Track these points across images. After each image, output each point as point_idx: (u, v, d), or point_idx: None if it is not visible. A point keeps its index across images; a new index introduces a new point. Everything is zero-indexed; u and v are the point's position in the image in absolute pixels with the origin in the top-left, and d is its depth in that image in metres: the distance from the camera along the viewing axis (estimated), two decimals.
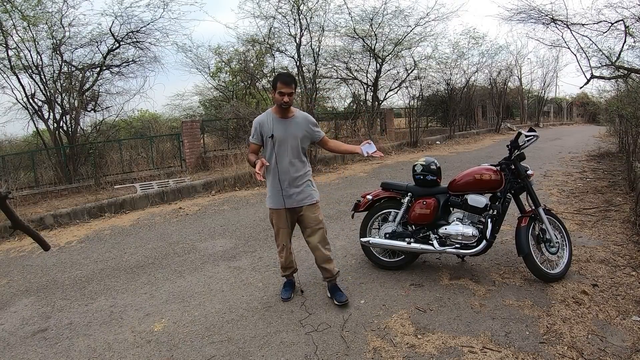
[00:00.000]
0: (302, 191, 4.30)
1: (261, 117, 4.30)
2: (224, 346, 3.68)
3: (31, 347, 3.97)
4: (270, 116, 4.24)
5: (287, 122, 4.23)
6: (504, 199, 4.62)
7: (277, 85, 4.06)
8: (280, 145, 4.18)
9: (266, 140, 4.21)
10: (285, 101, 4.06)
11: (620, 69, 11.57)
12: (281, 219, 4.36)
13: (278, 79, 4.08)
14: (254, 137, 4.28)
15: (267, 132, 4.18)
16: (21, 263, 6.56)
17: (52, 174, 12.50)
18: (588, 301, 4.05)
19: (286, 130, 4.20)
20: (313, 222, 4.36)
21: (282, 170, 4.20)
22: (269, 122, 4.21)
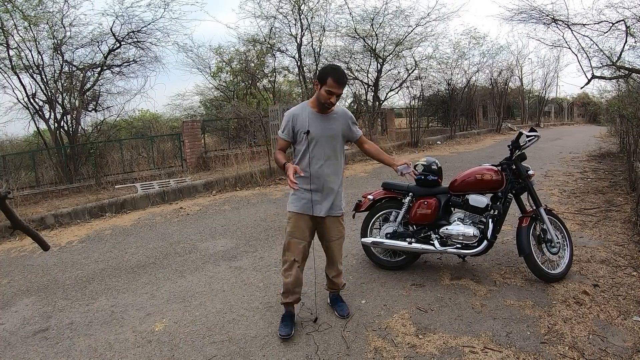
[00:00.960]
0: (334, 200, 3.84)
1: (296, 110, 3.77)
2: (225, 346, 3.68)
3: (32, 347, 3.97)
4: (307, 110, 3.73)
5: (326, 118, 3.74)
6: (505, 199, 4.61)
7: (328, 81, 3.52)
8: (317, 144, 3.70)
9: (299, 137, 3.71)
10: (331, 102, 3.61)
11: (621, 69, 11.57)
12: (300, 228, 3.80)
13: (330, 75, 3.53)
14: (284, 132, 3.75)
15: (301, 127, 3.67)
16: (22, 263, 6.56)
17: (52, 173, 12.51)
18: (589, 301, 4.04)
19: (324, 127, 3.72)
20: (337, 234, 3.95)
21: (315, 173, 3.71)
22: (305, 116, 3.69)
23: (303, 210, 3.77)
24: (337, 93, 3.58)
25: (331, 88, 3.53)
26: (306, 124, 3.66)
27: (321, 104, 3.64)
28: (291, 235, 3.80)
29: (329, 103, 3.60)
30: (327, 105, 3.62)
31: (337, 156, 3.82)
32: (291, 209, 3.83)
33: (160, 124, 19.06)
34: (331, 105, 3.64)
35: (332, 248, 3.99)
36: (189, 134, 14.02)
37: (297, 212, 3.79)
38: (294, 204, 3.82)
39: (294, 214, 3.80)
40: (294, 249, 3.80)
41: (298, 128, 3.69)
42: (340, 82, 3.56)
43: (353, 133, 3.96)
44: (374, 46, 18.20)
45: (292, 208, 3.82)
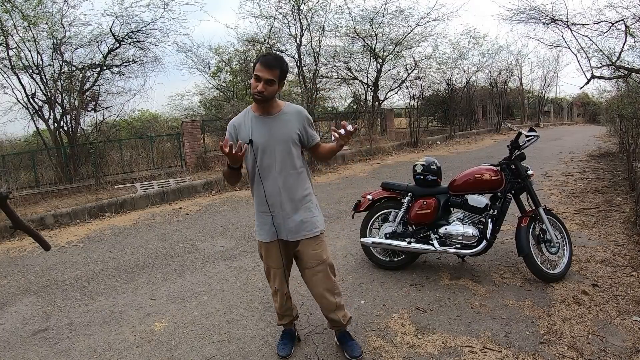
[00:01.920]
0: (300, 218, 3.18)
1: (237, 118, 3.19)
2: (224, 346, 3.68)
3: (31, 347, 3.97)
4: (250, 115, 3.14)
5: (271, 120, 3.10)
6: (504, 199, 4.62)
7: (256, 67, 2.94)
8: (265, 154, 3.07)
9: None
10: (259, 90, 2.92)
11: (621, 69, 11.60)
12: (272, 256, 3.29)
13: (258, 60, 2.95)
14: None
15: (244, 136, 3.07)
16: (22, 263, 6.56)
17: (52, 173, 12.49)
18: (588, 301, 4.05)
19: (270, 131, 3.08)
20: (313, 260, 3.23)
21: (269, 189, 3.10)
22: (248, 123, 3.11)
23: (269, 237, 3.22)
24: (265, 77, 2.90)
25: (257, 72, 2.90)
26: (249, 132, 3.07)
27: (252, 96, 3.01)
28: (266, 262, 3.37)
29: (258, 92, 2.92)
30: (256, 96, 2.95)
31: (293, 165, 3.14)
32: (258, 237, 3.32)
33: (160, 124, 19.04)
34: (261, 95, 2.93)
35: (313, 280, 3.30)
36: (189, 134, 14.01)
37: (264, 242, 3.27)
38: (258, 233, 3.30)
39: (262, 243, 3.30)
40: (272, 278, 3.39)
41: (241, 138, 3.08)
42: (268, 64, 2.91)
43: (310, 137, 3.25)
44: (374, 46, 18.21)
45: (258, 237, 3.31)
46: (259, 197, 3.17)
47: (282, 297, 3.41)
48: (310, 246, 3.22)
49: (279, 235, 3.21)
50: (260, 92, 2.93)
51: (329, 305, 3.33)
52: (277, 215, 3.15)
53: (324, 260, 3.26)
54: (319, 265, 3.24)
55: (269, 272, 3.41)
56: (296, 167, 3.16)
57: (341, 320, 3.38)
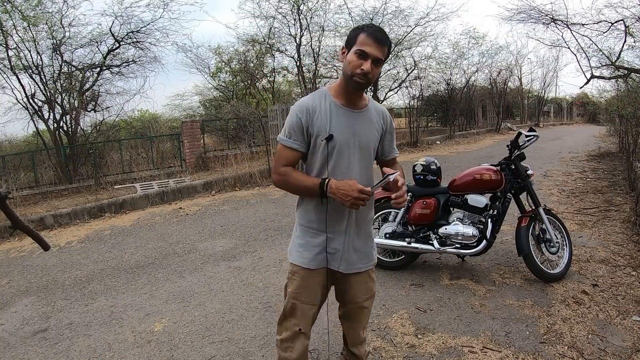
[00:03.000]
0: (362, 246, 2.47)
1: (310, 100, 2.32)
2: (224, 346, 3.68)
3: (31, 347, 3.97)
4: (328, 101, 2.31)
5: (357, 116, 2.34)
6: (504, 199, 4.62)
7: (360, 38, 2.16)
8: (341, 157, 2.30)
9: (316, 144, 2.29)
10: (364, 70, 2.14)
11: (620, 69, 11.61)
12: (310, 288, 2.43)
13: (363, 30, 2.18)
14: (292, 137, 2.29)
15: (320, 128, 2.26)
16: (21, 263, 6.56)
17: (52, 174, 12.51)
18: (588, 301, 4.05)
19: (356, 130, 2.32)
20: (364, 295, 2.56)
21: (335, 203, 2.26)
22: (325, 112, 2.28)
23: (315, 263, 2.38)
24: (374, 55, 2.14)
25: (364, 46, 2.14)
26: (327, 124, 2.26)
27: (351, 80, 2.20)
28: (296, 297, 2.44)
29: (363, 73, 2.15)
30: (360, 78, 2.17)
31: (369, 177, 2.41)
32: (296, 259, 2.43)
33: (160, 124, 19.06)
34: (365, 77, 2.16)
35: (356, 314, 2.62)
36: (188, 134, 14.02)
37: (306, 268, 2.40)
38: (299, 253, 2.42)
39: (301, 268, 2.41)
40: (300, 316, 2.46)
41: (315, 130, 2.27)
42: (378, 38, 2.15)
43: (390, 148, 2.59)
44: None
45: (298, 259, 2.42)
46: (316, 210, 2.36)
47: (303, 345, 2.50)
48: (364, 279, 2.54)
49: (329, 264, 2.39)
50: (366, 73, 2.15)
51: (358, 339, 2.72)
52: (336, 238, 2.37)
53: (374, 292, 2.66)
54: (367, 300, 2.60)
55: (294, 309, 2.46)
56: (371, 181, 2.39)
57: (362, 356, 2.77)
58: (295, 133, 2.28)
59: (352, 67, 2.17)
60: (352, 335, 2.71)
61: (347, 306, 2.62)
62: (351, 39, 2.22)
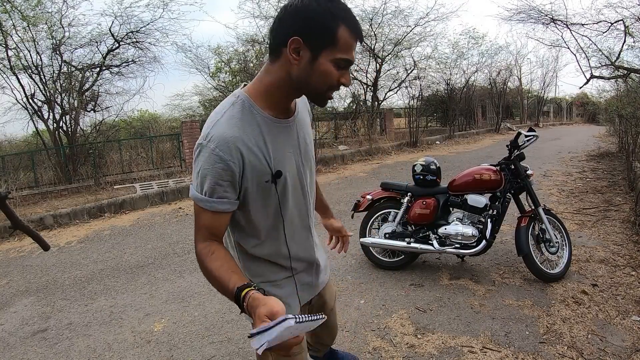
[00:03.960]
0: (324, 260, 2.12)
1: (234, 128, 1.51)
2: (224, 346, 3.68)
3: (31, 348, 3.97)
4: (258, 117, 1.58)
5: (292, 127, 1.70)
6: (503, 199, 4.62)
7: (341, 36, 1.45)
8: (293, 192, 1.73)
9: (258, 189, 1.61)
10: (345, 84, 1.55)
11: (620, 69, 11.61)
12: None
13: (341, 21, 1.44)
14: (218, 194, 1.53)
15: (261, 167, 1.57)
16: (21, 263, 6.56)
17: (51, 174, 12.50)
18: (588, 301, 4.04)
19: (299, 144, 1.74)
20: (333, 297, 2.39)
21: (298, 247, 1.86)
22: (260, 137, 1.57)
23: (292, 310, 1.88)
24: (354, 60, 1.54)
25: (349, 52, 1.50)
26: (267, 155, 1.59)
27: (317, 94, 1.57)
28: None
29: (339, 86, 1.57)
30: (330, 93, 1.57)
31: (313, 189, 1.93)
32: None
33: (159, 124, 19.05)
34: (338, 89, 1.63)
35: (333, 317, 2.48)
36: (188, 134, 14.01)
37: None
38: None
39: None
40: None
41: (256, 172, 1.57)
42: (362, 36, 1.53)
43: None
44: (373, 46, 18.21)
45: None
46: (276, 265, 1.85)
47: None
48: (330, 287, 2.32)
49: (300, 302, 1.95)
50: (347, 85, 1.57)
51: (334, 335, 2.61)
52: (306, 276, 1.97)
53: (335, 291, 2.49)
54: (335, 301, 2.44)
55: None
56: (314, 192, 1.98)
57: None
58: (223, 187, 1.52)
59: (329, 81, 1.52)
60: (334, 333, 2.58)
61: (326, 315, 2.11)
62: (325, 33, 1.45)
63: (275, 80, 1.56)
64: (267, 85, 1.58)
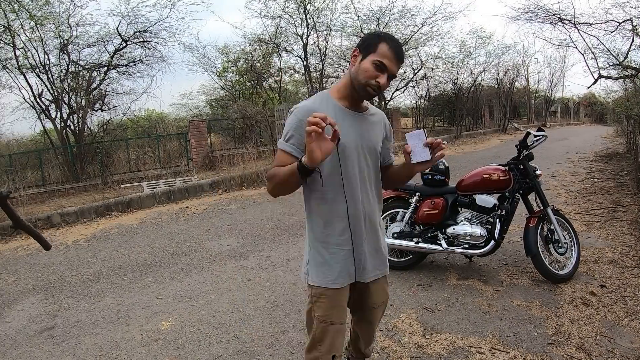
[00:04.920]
0: (379, 248, 2.36)
1: (311, 103, 2.18)
2: (231, 345, 3.68)
3: (38, 345, 3.98)
4: (331, 104, 2.18)
5: (361, 119, 2.24)
6: (512, 199, 4.59)
7: (380, 48, 2.04)
8: (350, 162, 2.16)
9: None
10: (379, 83, 2.05)
11: (628, 69, 11.54)
12: (340, 307, 2.25)
13: (384, 41, 2.05)
14: (291, 141, 2.11)
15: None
16: (28, 261, 6.58)
17: (59, 172, 12.58)
18: (596, 302, 4.02)
19: (362, 133, 2.21)
20: (383, 299, 2.49)
21: (355, 211, 2.18)
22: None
23: (341, 281, 2.20)
24: (392, 71, 2.08)
25: (384, 59, 2.03)
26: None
27: (361, 87, 2.10)
28: (327, 320, 2.21)
29: (376, 86, 2.07)
30: (372, 89, 2.09)
31: (379, 181, 2.36)
32: (319, 281, 2.20)
33: (167, 124, 19.14)
34: (378, 89, 2.10)
35: (373, 317, 2.53)
36: (195, 133, 14.04)
37: (334, 287, 2.19)
38: (322, 273, 2.20)
39: (327, 289, 2.19)
40: (333, 341, 2.24)
41: None
42: (399, 54, 2.08)
43: (387, 153, 2.46)
44: None
45: (321, 280, 2.20)
46: (337, 221, 2.17)
47: None
48: (382, 285, 2.45)
49: (356, 277, 2.24)
50: (381, 87, 2.08)
51: (371, 340, 2.68)
52: (361, 249, 2.22)
53: (389, 296, 2.59)
54: (384, 303, 2.54)
55: (325, 333, 2.22)
56: (380, 185, 2.38)
57: (369, 354, 2.75)
58: (295, 137, 2.08)
59: (367, 77, 2.05)
60: (367, 337, 2.63)
61: (364, 312, 2.49)
62: (370, 44, 2.07)
63: (345, 81, 2.21)
64: (341, 84, 2.24)
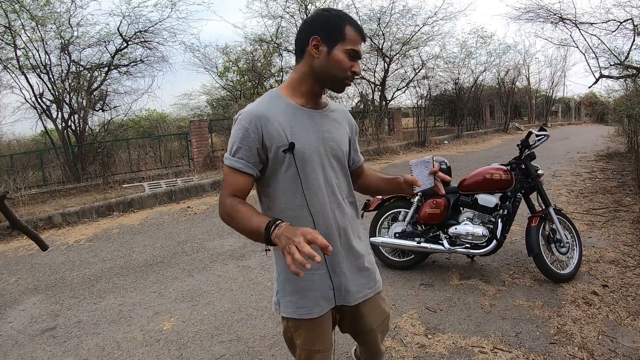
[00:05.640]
0: (365, 268, 2.07)
1: (258, 105, 1.85)
2: (233, 345, 3.68)
3: (40, 345, 3.98)
4: (283, 103, 1.87)
5: (320, 117, 1.93)
6: (514, 199, 4.59)
7: (348, 33, 1.80)
8: (312, 169, 1.86)
9: (276, 159, 1.81)
10: (357, 72, 1.86)
11: (629, 69, 11.53)
12: (321, 336, 1.99)
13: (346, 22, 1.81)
14: (239, 155, 1.79)
15: (278, 137, 1.78)
16: (30, 261, 6.58)
17: (60, 173, 12.58)
18: (598, 302, 4.02)
19: (323, 134, 1.91)
20: (379, 319, 2.19)
21: (323, 227, 1.87)
22: (281, 116, 1.82)
23: (319, 309, 1.93)
24: (361, 54, 1.88)
25: (355, 45, 1.82)
26: (285, 131, 1.80)
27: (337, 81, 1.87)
28: (310, 349, 1.97)
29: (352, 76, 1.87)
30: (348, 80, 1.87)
31: (351, 187, 2.09)
32: (292, 313, 1.94)
33: (168, 124, 19.13)
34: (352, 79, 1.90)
35: (374, 339, 2.23)
36: (196, 133, 14.04)
37: (309, 318, 1.92)
38: (294, 304, 1.93)
39: (304, 321, 1.94)
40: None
41: (274, 141, 1.79)
42: (364, 35, 1.89)
43: (355, 153, 2.20)
44: (381, 45, 18.20)
45: (295, 312, 1.93)
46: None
47: None
48: (375, 303, 2.15)
49: (336, 302, 1.97)
50: (358, 74, 1.88)
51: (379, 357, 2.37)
52: (337, 269, 1.94)
53: (389, 314, 2.32)
54: (384, 322, 2.24)
55: (310, 357, 1.99)
56: (352, 192, 2.12)
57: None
58: (244, 150, 1.78)
59: (343, 69, 1.82)
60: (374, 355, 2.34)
61: (362, 336, 2.22)
62: (335, 30, 1.80)
63: (299, 75, 1.88)
64: (293, 80, 1.91)
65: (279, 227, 1.54)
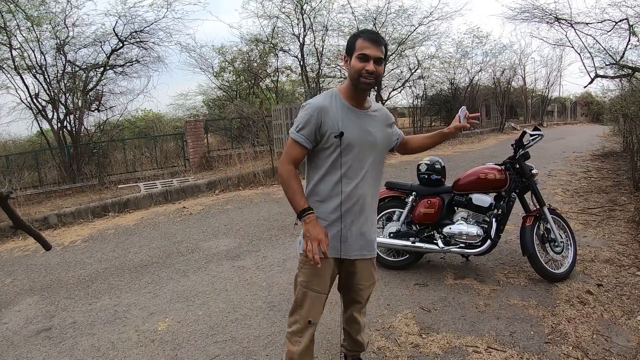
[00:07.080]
0: (370, 235, 2.67)
1: (322, 100, 2.49)
2: (228, 345, 3.68)
3: (35, 346, 3.98)
4: (338, 102, 2.50)
5: (365, 116, 2.56)
6: (508, 198, 4.60)
7: (358, 43, 2.39)
8: (352, 154, 2.48)
9: (327, 141, 2.46)
10: (369, 70, 2.37)
11: (625, 68, 11.54)
12: (322, 276, 2.58)
13: (359, 36, 2.41)
14: (302, 131, 2.45)
15: (331, 126, 2.43)
16: (25, 262, 6.57)
17: (56, 173, 12.53)
18: (593, 301, 4.03)
19: (366, 130, 2.53)
20: (368, 281, 2.78)
21: (348, 195, 2.50)
22: (336, 111, 2.47)
23: (330, 252, 2.45)
24: (375, 55, 2.37)
25: (364, 50, 2.35)
26: (338, 123, 2.43)
27: (357, 82, 2.41)
28: (307, 286, 2.58)
29: (368, 73, 2.37)
30: (368, 78, 2.39)
31: (377, 172, 2.66)
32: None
33: (163, 124, 19.13)
34: (371, 76, 2.39)
35: (361, 297, 2.82)
36: (192, 133, 14.04)
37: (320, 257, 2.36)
38: None
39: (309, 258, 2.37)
40: (311, 307, 2.60)
41: (327, 128, 2.42)
42: (374, 39, 2.39)
43: (393, 136, 2.83)
44: None
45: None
46: (331, 203, 2.51)
47: (310, 337, 2.65)
48: (369, 266, 2.73)
49: (342, 253, 2.56)
50: (372, 72, 2.37)
51: (359, 328, 2.95)
52: (348, 228, 2.54)
53: (375, 279, 2.85)
54: (371, 286, 2.82)
55: (304, 297, 2.59)
56: (379, 176, 2.69)
57: (364, 344, 3.04)
58: (306, 129, 2.44)
59: (357, 70, 2.39)
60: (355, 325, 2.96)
61: (352, 293, 2.83)
62: (350, 46, 2.46)
63: (347, 82, 2.54)
64: (345, 86, 2.57)
65: (308, 217, 2.37)
